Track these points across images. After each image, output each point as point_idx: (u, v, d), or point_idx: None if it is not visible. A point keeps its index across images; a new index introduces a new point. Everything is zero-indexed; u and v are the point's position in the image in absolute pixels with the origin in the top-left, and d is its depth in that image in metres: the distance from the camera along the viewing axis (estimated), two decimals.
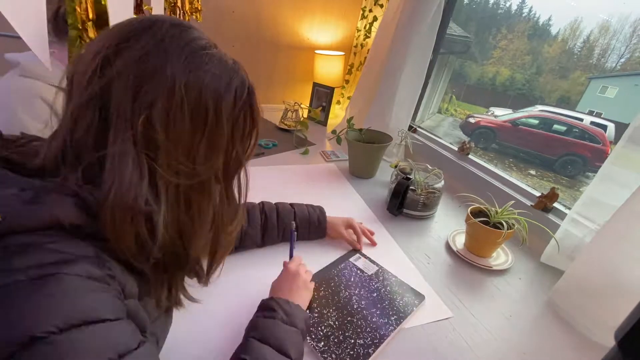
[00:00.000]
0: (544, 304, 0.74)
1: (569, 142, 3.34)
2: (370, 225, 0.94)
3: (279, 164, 1.26)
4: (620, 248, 0.64)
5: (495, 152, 3.69)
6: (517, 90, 4.07)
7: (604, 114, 3.29)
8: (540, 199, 0.94)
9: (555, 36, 3.45)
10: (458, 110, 4.33)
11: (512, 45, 3.85)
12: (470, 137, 3.83)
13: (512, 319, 0.69)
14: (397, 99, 1.36)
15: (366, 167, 1.23)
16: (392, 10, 1.40)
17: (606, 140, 3.16)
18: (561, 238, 0.80)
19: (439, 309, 0.69)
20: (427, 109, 1.86)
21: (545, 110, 3.64)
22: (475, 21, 3.67)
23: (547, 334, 0.67)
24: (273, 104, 1.93)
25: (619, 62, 2.90)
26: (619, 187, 0.72)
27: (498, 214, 0.84)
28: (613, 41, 2.75)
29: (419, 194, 0.98)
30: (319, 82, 1.82)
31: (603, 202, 0.74)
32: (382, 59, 1.43)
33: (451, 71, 3.28)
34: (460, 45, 2.62)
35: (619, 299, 0.61)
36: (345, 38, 1.89)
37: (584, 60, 3.28)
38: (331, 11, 1.78)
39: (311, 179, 1.17)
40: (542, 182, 3.20)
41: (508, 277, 0.81)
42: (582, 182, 3.18)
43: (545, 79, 3.79)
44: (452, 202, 1.13)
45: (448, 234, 0.93)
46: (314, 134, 1.61)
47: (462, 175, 1.21)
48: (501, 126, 3.79)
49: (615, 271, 0.65)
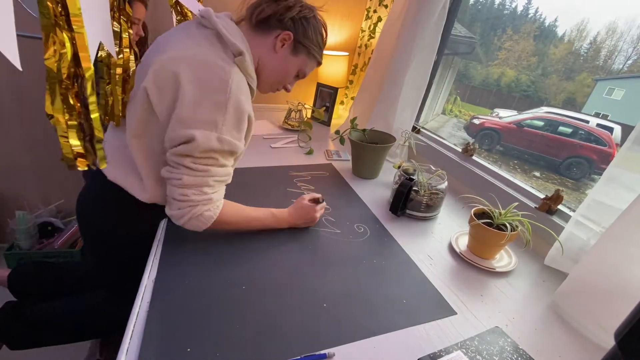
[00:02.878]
0: (547, 306, 0.74)
1: (575, 144, 3.31)
2: (373, 226, 0.94)
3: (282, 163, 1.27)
4: (625, 251, 0.64)
5: (499, 154, 3.67)
6: (522, 92, 4.05)
7: (610, 115, 3.26)
8: (544, 201, 0.94)
9: (561, 37, 3.43)
10: (462, 111, 4.31)
11: (518, 46, 3.83)
12: (474, 139, 3.81)
13: (514, 321, 0.68)
14: (401, 99, 1.36)
15: (369, 168, 1.23)
16: (396, 10, 1.39)
17: (612, 142, 3.13)
18: (565, 240, 0.79)
19: (444, 309, 0.69)
20: (432, 110, 1.86)
21: (551, 112, 3.60)
22: (481, 22, 3.65)
23: (550, 336, 0.66)
24: (277, 103, 1.93)
25: (626, 63, 2.87)
26: (624, 189, 0.71)
27: (502, 215, 0.83)
28: (620, 43, 2.72)
29: (422, 195, 0.98)
30: (322, 82, 1.83)
31: (608, 205, 0.74)
32: (386, 60, 1.43)
33: (456, 72, 3.26)
34: (465, 46, 2.60)
35: (623, 302, 0.61)
36: (349, 38, 1.89)
37: (591, 62, 3.25)
38: (335, 12, 1.78)
39: (314, 179, 1.18)
40: (547, 184, 3.17)
41: (511, 279, 0.80)
42: (587, 184, 3.15)
43: (551, 80, 3.76)
44: (456, 204, 1.13)
45: (451, 235, 0.93)
46: (318, 134, 1.62)
47: (465, 176, 1.21)
48: (506, 128, 3.77)
49: (619, 274, 0.64)
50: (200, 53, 0.67)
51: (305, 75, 0.87)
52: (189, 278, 0.68)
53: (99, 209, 0.83)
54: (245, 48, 0.72)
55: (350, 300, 0.68)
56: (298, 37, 0.78)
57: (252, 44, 0.75)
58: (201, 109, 0.64)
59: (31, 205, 1.72)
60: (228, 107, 0.65)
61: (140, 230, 0.82)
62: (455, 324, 0.66)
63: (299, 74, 0.85)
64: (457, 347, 0.60)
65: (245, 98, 0.69)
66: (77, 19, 0.47)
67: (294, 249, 0.81)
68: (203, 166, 0.67)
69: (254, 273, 0.72)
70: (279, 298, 0.66)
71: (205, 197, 0.69)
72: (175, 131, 0.65)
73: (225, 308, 0.62)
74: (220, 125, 0.65)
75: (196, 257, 0.74)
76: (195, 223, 0.70)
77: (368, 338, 0.60)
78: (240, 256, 0.76)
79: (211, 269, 0.71)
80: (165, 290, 0.65)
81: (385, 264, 0.79)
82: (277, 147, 1.43)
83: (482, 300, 0.73)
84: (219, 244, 0.78)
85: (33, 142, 1.63)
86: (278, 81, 0.84)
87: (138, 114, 0.70)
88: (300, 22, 0.77)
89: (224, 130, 0.66)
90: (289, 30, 0.76)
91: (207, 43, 0.70)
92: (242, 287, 0.68)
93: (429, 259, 0.84)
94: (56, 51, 0.47)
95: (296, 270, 0.74)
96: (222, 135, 0.66)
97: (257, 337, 0.57)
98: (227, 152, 0.69)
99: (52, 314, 1.02)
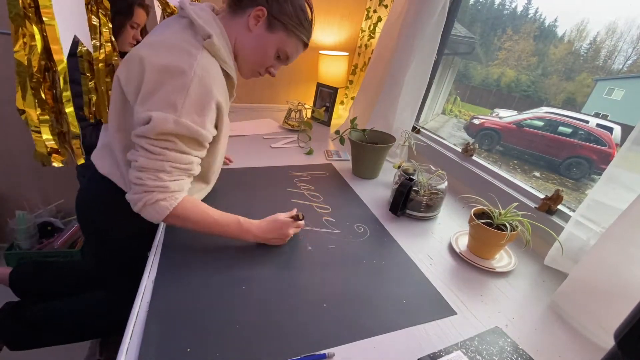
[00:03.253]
0: (547, 306, 0.74)
1: (575, 144, 3.31)
2: (373, 226, 0.94)
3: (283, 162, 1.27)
4: (625, 251, 0.64)
5: (499, 154, 3.67)
6: (522, 92, 4.04)
7: (610, 116, 3.25)
8: (544, 201, 0.94)
9: (561, 37, 3.42)
10: (462, 111, 4.31)
11: (518, 46, 3.83)
12: (474, 139, 3.81)
13: (514, 321, 0.68)
14: (401, 99, 1.36)
15: (369, 168, 1.23)
16: (396, 10, 1.39)
17: (612, 142, 3.13)
18: (565, 240, 0.79)
19: (444, 309, 0.69)
20: (431, 110, 1.86)
21: (551, 112, 3.60)
22: (481, 22, 3.65)
23: (550, 336, 0.66)
24: (277, 104, 1.93)
25: (626, 64, 2.87)
26: (624, 189, 0.71)
27: (501, 215, 0.84)
28: (620, 43, 2.72)
29: (422, 195, 0.98)
30: (322, 82, 1.83)
31: (608, 205, 0.74)
32: (386, 60, 1.43)
33: (456, 72, 3.26)
34: (465, 46, 2.61)
35: (623, 302, 0.61)
36: (349, 38, 1.89)
37: (590, 62, 3.25)
38: (335, 12, 1.78)
39: (314, 179, 1.18)
40: (547, 184, 3.17)
41: (511, 279, 0.80)
42: (587, 184, 3.15)
43: (551, 80, 3.76)
44: (456, 204, 1.13)
45: (451, 236, 0.93)
46: (317, 134, 1.62)
47: (465, 176, 1.21)
48: (506, 128, 3.77)
49: (619, 274, 0.64)
50: (167, 38, 0.67)
51: (287, 57, 0.81)
52: (189, 278, 0.68)
53: (97, 208, 0.84)
54: (217, 32, 0.70)
55: (350, 300, 0.68)
56: (273, 12, 0.73)
57: (228, 28, 0.73)
58: (161, 91, 0.63)
59: (31, 205, 1.73)
60: (190, 90, 0.63)
61: (139, 227, 0.81)
62: (455, 324, 0.66)
63: (280, 54, 0.79)
64: (457, 347, 0.60)
65: (213, 83, 0.67)
66: (48, 10, 0.46)
67: (294, 249, 0.81)
68: (159, 149, 0.64)
69: (254, 273, 0.72)
70: (279, 298, 0.66)
71: (160, 183, 0.66)
72: (137, 113, 0.64)
73: (225, 308, 0.62)
74: (179, 108, 0.63)
75: (196, 257, 0.74)
76: (150, 212, 0.67)
77: (368, 338, 0.60)
78: (240, 256, 0.76)
79: (211, 269, 0.71)
80: (165, 290, 0.65)
81: (385, 264, 0.79)
82: (277, 147, 1.43)
83: (482, 300, 0.73)
84: (218, 244, 0.78)
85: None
86: (257, 62, 0.79)
87: (115, 105, 0.70)
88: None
89: (183, 113, 0.63)
90: (261, 6, 0.73)
91: (178, 29, 0.69)
92: (242, 287, 0.68)
93: (429, 259, 0.84)
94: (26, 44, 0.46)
95: (296, 270, 0.74)
96: (179, 119, 0.63)
97: (257, 337, 0.57)
98: (187, 137, 0.66)
99: (52, 314, 1.02)
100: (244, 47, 0.76)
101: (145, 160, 0.65)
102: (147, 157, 0.65)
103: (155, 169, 0.65)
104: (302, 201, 1.02)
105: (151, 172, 0.65)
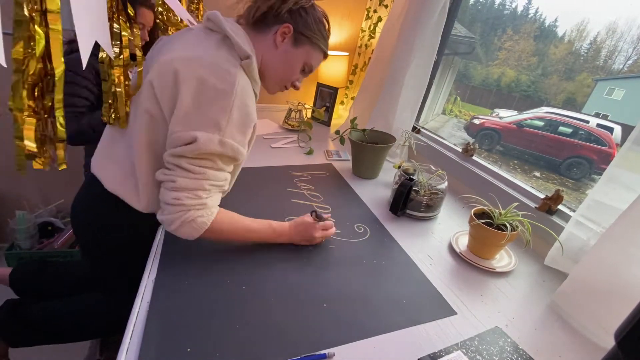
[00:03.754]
0: (547, 306, 0.74)
1: (575, 144, 3.31)
2: (373, 226, 0.94)
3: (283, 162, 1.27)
4: (625, 251, 0.64)
5: (499, 154, 3.67)
6: (523, 92, 4.05)
7: (610, 116, 3.26)
8: (544, 201, 0.94)
9: (561, 37, 3.43)
10: (462, 111, 4.31)
11: (518, 46, 3.83)
12: (474, 139, 3.81)
13: (514, 321, 0.68)
14: (401, 99, 1.36)
15: (369, 168, 1.23)
16: (396, 10, 1.39)
17: (612, 142, 3.13)
18: (565, 240, 0.79)
19: (444, 309, 0.69)
20: (432, 110, 1.86)
21: (551, 112, 3.60)
22: (481, 22, 3.65)
23: (550, 336, 0.66)
24: (277, 103, 1.93)
25: (626, 64, 2.87)
26: (624, 189, 0.71)
27: (502, 215, 0.83)
28: (620, 43, 2.72)
29: (422, 195, 0.98)
30: (322, 82, 1.83)
31: (608, 205, 0.74)
32: (387, 60, 1.43)
33: (456, 72, 3.26)
34: (465, 46, 2.61)
35: (623, 302, 0.61)
36: (349, 38, 1.89)
37: (591, 62, 3.25)
38: (335, 11, 1.78)
39: (314, 179, 1.18)
40: (547, 184, 3.17)
41: (511, 279, 0.80)
42: (587, 184, 3.15)
43: (551, 80, 3.76)
44: (456, 204, 1.13)
45: (451, 236, 0.93)
46: (318, 134, 1.62)
47: (465, 176, 1.21)
48: (506, 128, 3.77)
49: (619, 274, 0.64)
50: (206, 55, 0.66)
51: (312, 69, 0.83)
52: (189, 278, 0.68)
53: (94, 218, 0.83)
54: (252, 51, 0.70)
55: (350, 300, 0.68)
56: (298, 27, 0.75)
57: (254, 46, 0.73)
58: (205, 111, 0.63)
59: (31, 205, 1.73)
60: (233, 110, 0.64)
61: (135, 238, 0.81)
62: (455, 324, 0.66)
63: (305, 67, 0.81)
64: (457, 347, 0.60)
65: (251, 103, 0.68)
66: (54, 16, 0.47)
67: (294, 249, 0.81)
68: (199, 168, 0.65)
69: (254, 273, 0.72)
70: (279, 298, 0.66)
71: (199, 201, 0.66)
72: (177, 132, 0.64)
73: (225, 308, 0.62)
74: (223, 128, 0.64)
75: (196, 257, 0.74)
76: (187, 230, 0.66)
77: (368, 338, 0.60)
78: (240, 256, 0.76)
79: (211, 269, 0.71)
80: (165, 290, 0.65)
81: (385, 264, 0.79)
82: (277, 147, 1.43)
83: (482, 300, 0.73)
84: (219, 245, 0.78)
85: None
86: (284, 78, 0.81)
87: (144, 110, 0.68)
88: (299, 13, 0.75)
89: (227, 134, 0.64)
90: (287, 23, 0.74)
91: (214, 46, 0.68)
92: (242, 287, 0.68)
93: (429, 259, 0.84)
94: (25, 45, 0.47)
95: (296, 270, 0.74)
96: (224, 139, 0.64)
97: (257, 337, 0.57)
98: (227, 157, 0.67)
99: (52, 313, 1.02)
100: (270, 64, 0.77)
101: (185, 180, 0.64)
102: (188, 177, 0.65)
103: (194, 188, 0.65)
104: (302, 201, 1.02)
105: (190, 191, 0.65)
